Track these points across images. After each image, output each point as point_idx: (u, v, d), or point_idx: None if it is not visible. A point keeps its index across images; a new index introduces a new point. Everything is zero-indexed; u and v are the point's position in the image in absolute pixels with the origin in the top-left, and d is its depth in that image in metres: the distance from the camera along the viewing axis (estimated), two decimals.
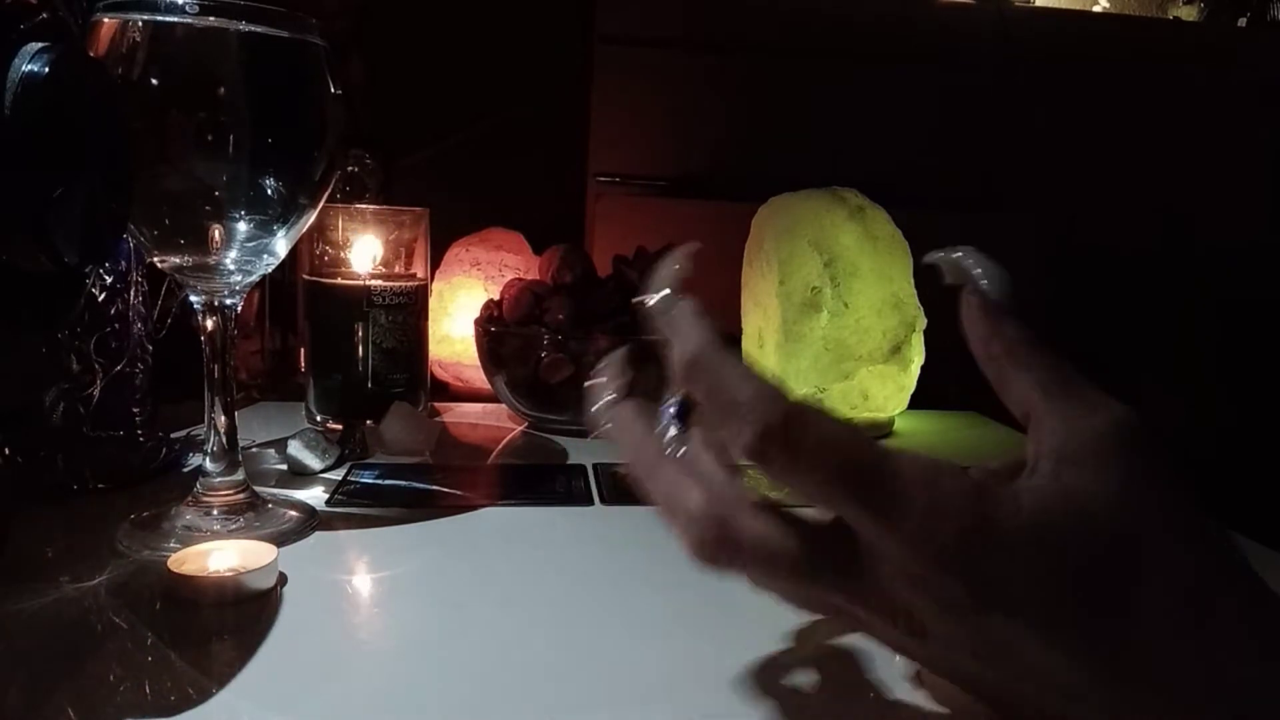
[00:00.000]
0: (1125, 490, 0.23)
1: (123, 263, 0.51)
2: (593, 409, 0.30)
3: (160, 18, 0.39)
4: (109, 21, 0.39)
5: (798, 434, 0.24)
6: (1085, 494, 0.23)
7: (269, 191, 0.41)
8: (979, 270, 0.28)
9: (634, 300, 0.30)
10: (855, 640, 0.34)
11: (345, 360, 0.65)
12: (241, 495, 0.45)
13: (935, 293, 0.30)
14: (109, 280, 0.50)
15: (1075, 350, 0.27)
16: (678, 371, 0.27)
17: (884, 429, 0.73)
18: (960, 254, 0.28)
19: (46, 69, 0.30)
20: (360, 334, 0.65)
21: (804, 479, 0.25)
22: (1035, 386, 0.26)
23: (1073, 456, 0.24)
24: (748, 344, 0.75)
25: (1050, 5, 1.38)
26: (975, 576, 0.23)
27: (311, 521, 0.46)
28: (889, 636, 0.27)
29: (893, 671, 0.32)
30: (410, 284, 0.67)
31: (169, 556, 0.38)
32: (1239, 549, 0.24)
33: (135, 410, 0.53)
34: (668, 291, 0.29)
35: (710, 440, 0.28)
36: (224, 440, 0.45)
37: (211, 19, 0.39)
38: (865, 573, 0.25)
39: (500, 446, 0.66)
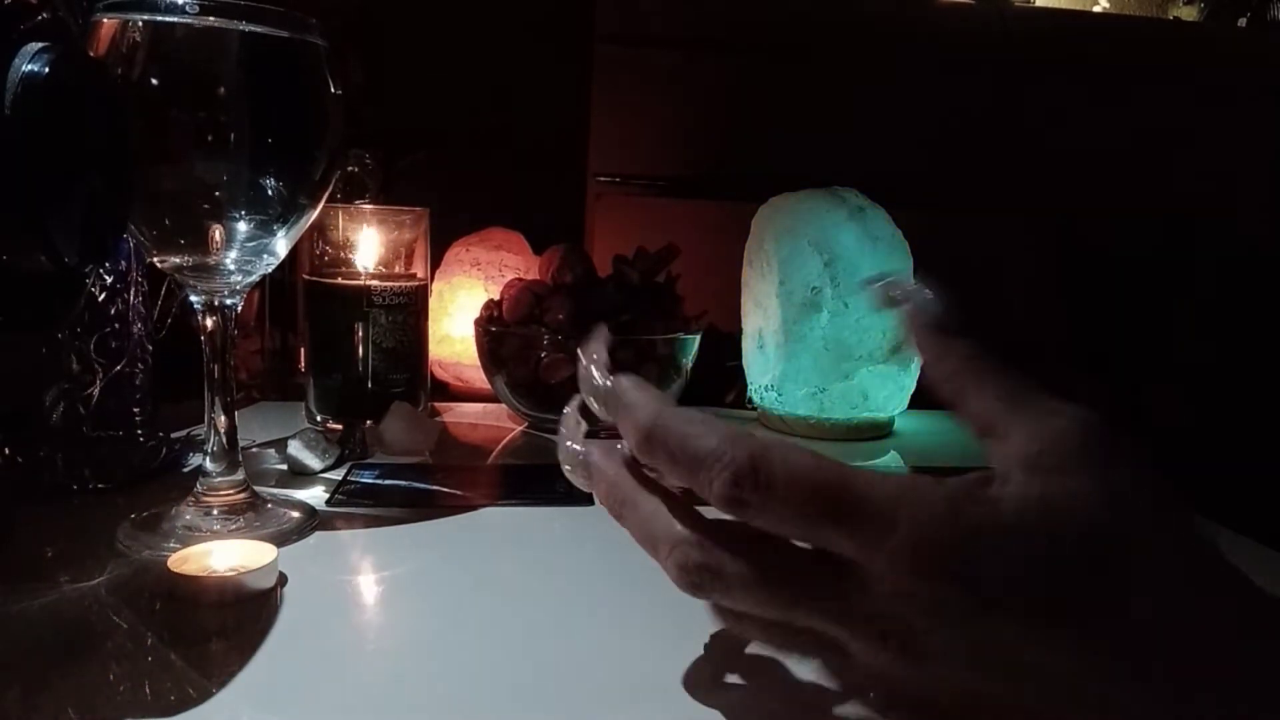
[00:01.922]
0: (1102, 492, 0.24)
1: (123, 263, 0.51)
2: (561, 460, 0.31)
3: (160, 18, 0.39)
4: (109, 21, 0.39)
5: (766, 471, 0.24)
6: (1063, 498, 0.24)
7: (269, 191, 0.41)
8: (910, 295, 0.28)
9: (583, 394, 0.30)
10: None
11: (345, 360, 0.65)
12: (241, 495, 0.45)
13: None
14: (109, 280, 0.50)
15: (1075, 350, 0.27)
16: (636, 449, 0.27)
17: (884, 429, 0.73)
18: (888, 281, 0.29)
19: (46, 69, 0.30)
20: (360, 334, 0.65)
21: (780, 514, 0.25)
22: (997, 399, 0.26)
23: (1045, 464, 0.24)
24: (748, 344, 0.75)
25: (1050, 5, 1.38)
26: (968, 578, 0.23)
27: (311, 521, 0.46)
28: (876, 664, 0.26)
29: None
30: (410, 284, 0.67)
31: (169, 556, 0.38)
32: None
33: (135, 410, 0.53)
34: (606, 381, 0.29)
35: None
36: (224, 440, 0.45)
37: (211, 19, 0.39)
38: (852, 594, 0.25)
39: (500, 446, 0.66)
